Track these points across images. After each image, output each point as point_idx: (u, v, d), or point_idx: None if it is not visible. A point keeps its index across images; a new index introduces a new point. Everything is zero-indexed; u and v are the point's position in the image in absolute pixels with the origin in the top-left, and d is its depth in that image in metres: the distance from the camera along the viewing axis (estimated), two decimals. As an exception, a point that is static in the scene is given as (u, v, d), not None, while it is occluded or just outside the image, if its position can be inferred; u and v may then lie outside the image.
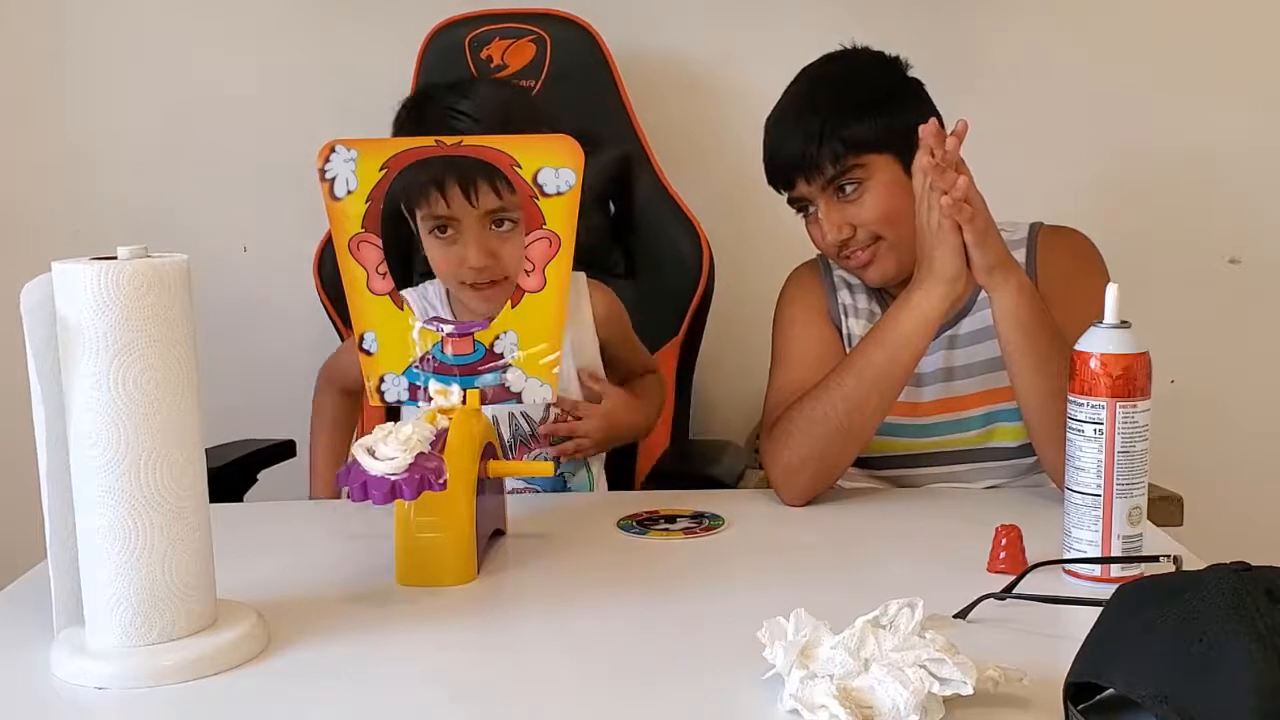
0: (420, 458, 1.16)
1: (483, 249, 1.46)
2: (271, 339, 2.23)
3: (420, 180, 1.42)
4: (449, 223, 1.46)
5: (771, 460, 1.49)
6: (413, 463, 1.15)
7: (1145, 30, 2.18)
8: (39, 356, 1.02)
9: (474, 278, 1.47)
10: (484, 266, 1.46)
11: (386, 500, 1.14)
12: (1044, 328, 1.41)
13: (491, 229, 1.46)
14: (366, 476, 1.15)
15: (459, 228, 1.46)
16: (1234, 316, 2.26)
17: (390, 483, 1.14)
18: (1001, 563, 1.23)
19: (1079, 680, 0.89)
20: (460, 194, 1.42)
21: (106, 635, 1.02)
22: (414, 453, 1.16)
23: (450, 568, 1.22)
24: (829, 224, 1.51)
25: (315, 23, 2.20)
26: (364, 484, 1.14)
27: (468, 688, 1.02)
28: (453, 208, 1.44)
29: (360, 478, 1.15)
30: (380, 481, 1.14)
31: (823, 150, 1.48)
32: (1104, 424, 1.17)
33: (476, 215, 1.44)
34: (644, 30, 2.17)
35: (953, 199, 1.34)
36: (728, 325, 2.09)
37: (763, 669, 0.95)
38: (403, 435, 1.17)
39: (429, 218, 1.46)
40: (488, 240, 1.46)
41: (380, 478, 1.14)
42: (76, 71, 2.21)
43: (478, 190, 1.42)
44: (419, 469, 1.15)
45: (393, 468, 1.14)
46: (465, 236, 1.46)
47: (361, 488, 1.14)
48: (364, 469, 1.15)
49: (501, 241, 1.46)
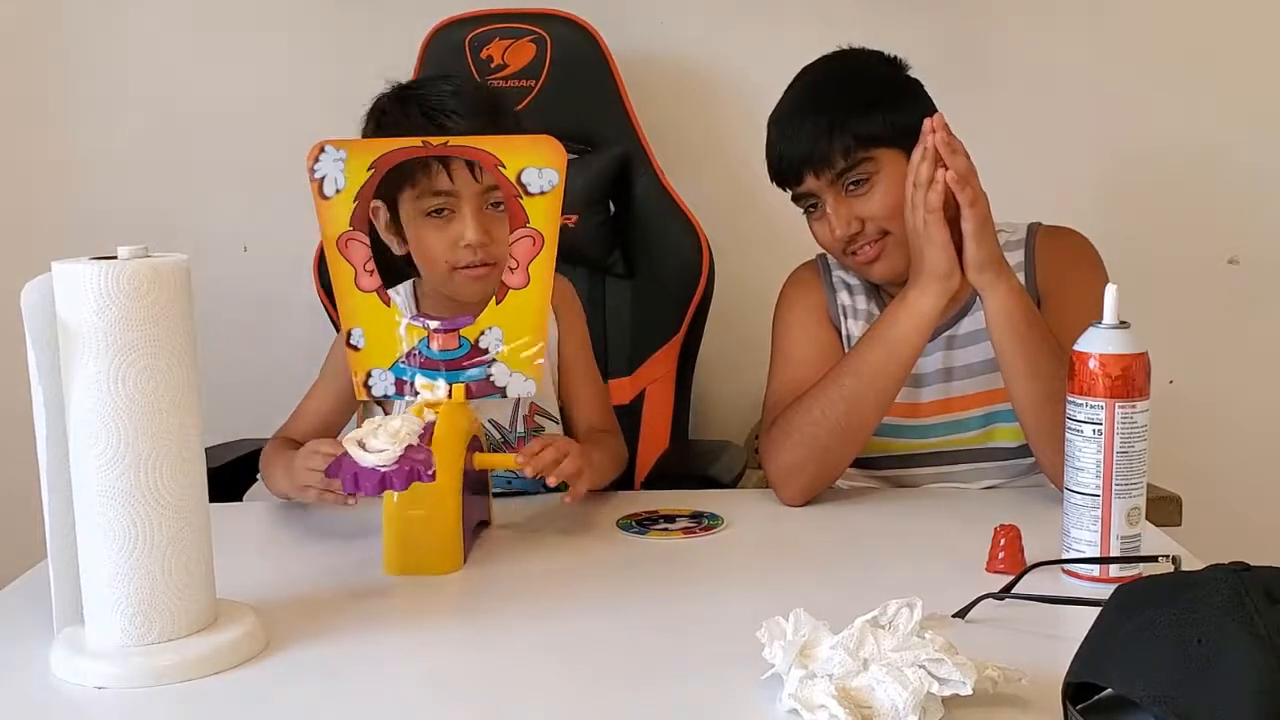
0: (410, 450, 1.20)
1: (480, 226, 1.42)
2: (271, 339, 2.23)
3: (421, 159, 1.39)
4: (447, 201, 1.42)
5: (770, 460, 1.49)
6: (402, 455, 1.20)
7: (1145, 30, 2.18)
8: (39, 356, 1.02)
9: (469, 257, 1.42)
10: (481, 244, 1.42)
11: (377, 491, 1.19)
12: (1035, 330, 1.41)
13: (489, 209, 1.43)
14: (357, 468, 1.19)
15: (457, 205, 1.42)
16: (1233, 317, 2.26)
17: (380, 474, 1.18)
18: (1000, 563, 1.23)
19: (1078, 680, 0.89)
20: (464, 167, 1.39)
21: (106, 635, 1.02)
22: (403, 445, 1.20)
23: (438, 557, 1.26)
24: (838, 218, 1.52)
25: (315, 23, 2.20)
26: (355, 475, 1.19)
27: (467, 687, 1.02)
28: (456, 182, 1.40)
29: (351, 469, 1.19)
30: (371, 473, 1.19)
31: (834, 144, 1.49)
32: (1103, 424, 1.17)
33: (478, 190, 1.41)
34: (644, 30, 2.17)
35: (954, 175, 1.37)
36: (727, 325, 2.09)
37: (762, 669, 0.95)
38: (392, 428, 1.21)
39: (427, 195, 1.42)
40: (486, 219, 1.43)
41: (371, 469, 1.19)
42: (77, 72, 2.21)
43: (481, 166, 1.39)
44: (408, 461, 1.19)
45: (383, 460, 1.19)
46: (463, 213, 1.42)
47: (353, 479, 1.19)
48: (355, 461, 1.20)
49: (497, 223, 1.42)
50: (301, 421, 1.54)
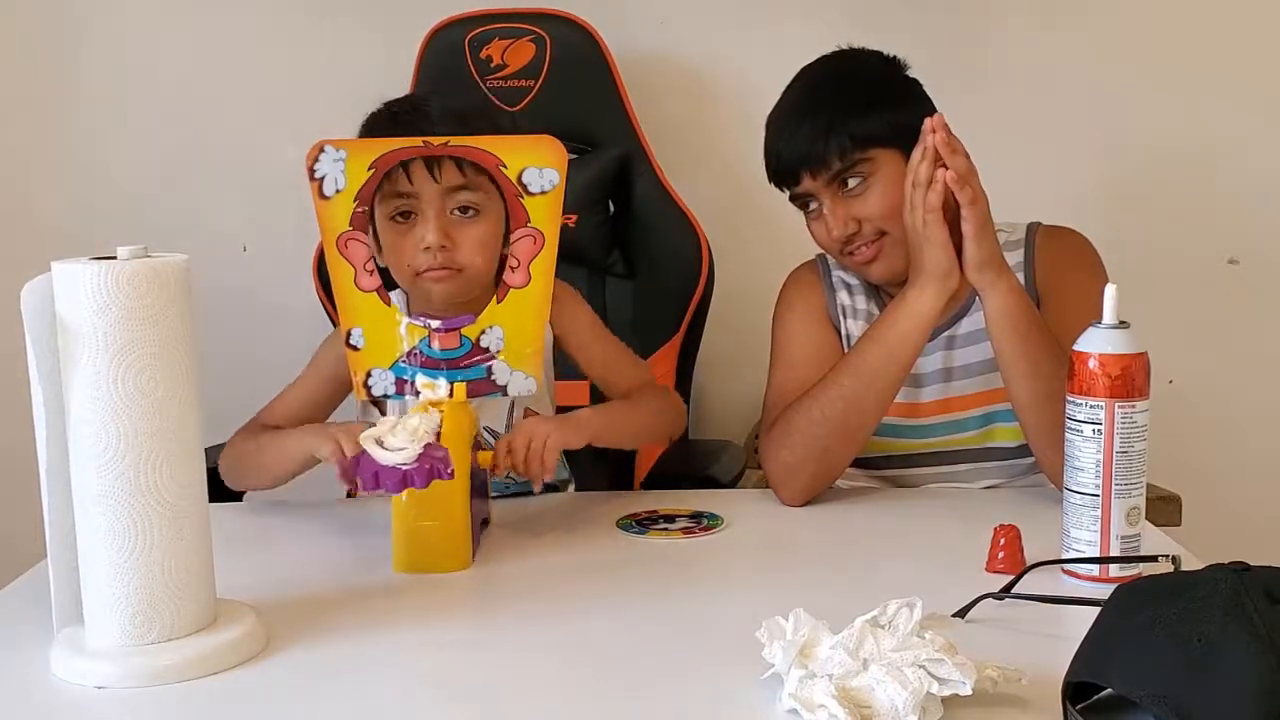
0: (428, 448, 1.21)
1: (440, 229, 1.39)
2: (271, 339, 2.22)
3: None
4: (409, 204, 1.40)
5: (770, 460, 1.49)
6: (421, 453, 1.20)
7: (1145, 30, 2.18)
8: (39, 356, 1.02)
9: (428, 261, 1.40)
10: (440, 247, 1.39)
11: (398, 489, 1.19)
12: (1035, 330, 1.42)
13: (453, 214, 1.41)
14: (378, 467, 1.20)
15: (419, 207, 1.40)
16: (1233, 317, 2.26)
17: (402, 473, 1.19)
18: (1000, 562, 1.23)
19: (1077, 680, 0.89)
20: (423, 168, 1.37)
21: (106, 635, 1.02)
22: (422, 443, 1.21)
23: (447, 555, 1.27)
24: (834, 219, 1.52)
25: (315, 23, 2.20)
26: (375, 474, 1.20)
27: (467, 687, 1.02)
28: (415, 183, 1.38)
29: (371, 468, 1.20)
30: (392, 472, 1.19)
31: (830, 145, 1.48)
32: (1102, 424, 1.17)
33: (438, 192, 1.38)
34: (644, 30, 2.17)
35: (954, 175, 1.38)
36: (727, 325, 2.09)
37: (761, 668, 0.95)
38: (410, 426, 1.22)
39: (391, 197, 1.40)
40: (447, 223, 1.40)
41: (392, 468, 1.19)
42: (77, 71, 2.21)
43: (441, 166, 1.37)
44: (428, 459, 1.20)
45: (404, 458, 1.20)
46: (425, 215, 1.39)
47: (373, 478, 1.20)
48: (375, 460, 1.20)
49: (461, 229, 1.40)
50: (284, 410, 1.53)
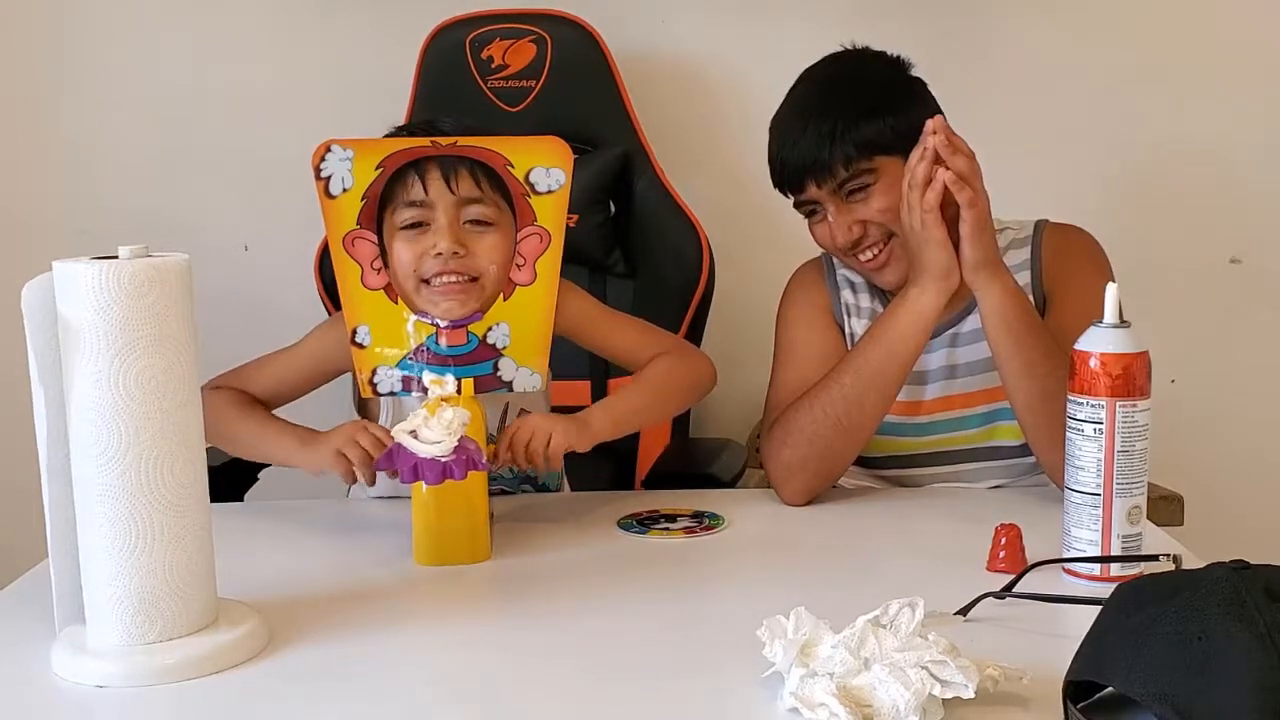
0: (463, 440, 1.25)
1: (454, 236, 1.37)
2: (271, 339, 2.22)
3: (401, 169, 1.37)
4: (423, 213, 1.38)
5: (771, 459, 1.49)
6: (457, 445, 1.24)
7: (1147, 30, 2.18)
8: (40, 356, 1.02)
9: (439, 266, 1.36)
10: (453, 253, 1.36)
11: (438, 480, 1.23)
12: (1031, 330, 1.42)
13: (466, 225, 1.39)
14: (416, 459, 1.23)
15: (432, 217, 1.38)
16: (1235, 316, 2.25)
17: (442, 464, 1.23)
18: (1001, 562, 1.23)
19: (1078, 679, 0.89)
20: (439, 177, 1.37)
21: (107, 634, 1.02)
22: (457, 436, 1.24)
23: (467, 547, 1.30)
24: (839, 227, 1.51)
25: (315, 23, 2.20)
26: (415, 466, 1.23)
27: (467, 686, 1.02)
28: (430, 193, 1.37)
29: (410, 460, 1.23)
30: (432, 464, 1.23)
31: (835, 153, 1.48)
32: (1104, 423, 1.17)
33: (453, 202, 1.37)
34: (644, 30, 2.17)
35: (953, 173, 1.37)
36: (728, 324, 2.09)
37: (762, 667, 0.95)
38: (445, 419, 1.25)
39: (404, 206, 1.38)
40: (461, 233, 1.38)
41: (431, 460, 1.23)
42: (77, 71, 2.21)
43: (457, 176, 1.37)
44: (463, 451, 1.24)
45: (441, 450, 1.23)
46: (439, 223, 1.38)
47: (412, 470, 1.23)
48: (412, 452, 1.23)
49: (475, 238, 1.39)
50: (262, 378, 1.51)
